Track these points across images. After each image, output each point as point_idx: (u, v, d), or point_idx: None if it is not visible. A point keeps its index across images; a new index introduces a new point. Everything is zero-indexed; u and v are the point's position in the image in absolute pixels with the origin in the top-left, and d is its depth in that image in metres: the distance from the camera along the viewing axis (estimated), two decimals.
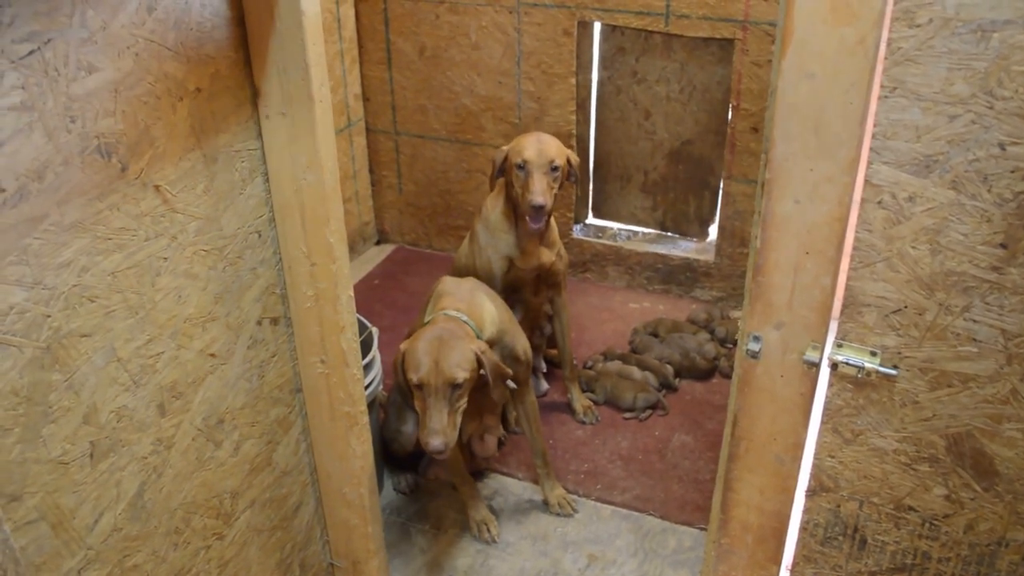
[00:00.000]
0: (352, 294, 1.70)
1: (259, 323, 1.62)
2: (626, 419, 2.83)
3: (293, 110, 1.46)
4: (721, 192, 3.24)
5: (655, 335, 3.15)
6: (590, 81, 3.34)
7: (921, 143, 1.19)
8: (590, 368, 3.02)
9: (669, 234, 3.54)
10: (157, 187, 1.28)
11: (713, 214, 3.41)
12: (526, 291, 2.70)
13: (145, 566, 1.42)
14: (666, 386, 2.94)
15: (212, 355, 1.50)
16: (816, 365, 1.40)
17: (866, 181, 1.24)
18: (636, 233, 3.57)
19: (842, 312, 1.34)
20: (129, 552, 1.37)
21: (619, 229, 3.60)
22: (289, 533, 1.87)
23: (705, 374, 3.00)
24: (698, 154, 3.31)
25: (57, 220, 1.11)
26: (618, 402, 2.86)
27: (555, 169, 2.49)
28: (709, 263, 3.36)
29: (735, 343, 3.15)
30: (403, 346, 2.06)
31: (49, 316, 1.13)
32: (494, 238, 2.63)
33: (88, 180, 1.15)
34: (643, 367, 2.95)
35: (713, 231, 3.42)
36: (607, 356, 3.06)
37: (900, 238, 1.25)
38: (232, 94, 1.42)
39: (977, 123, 1.16)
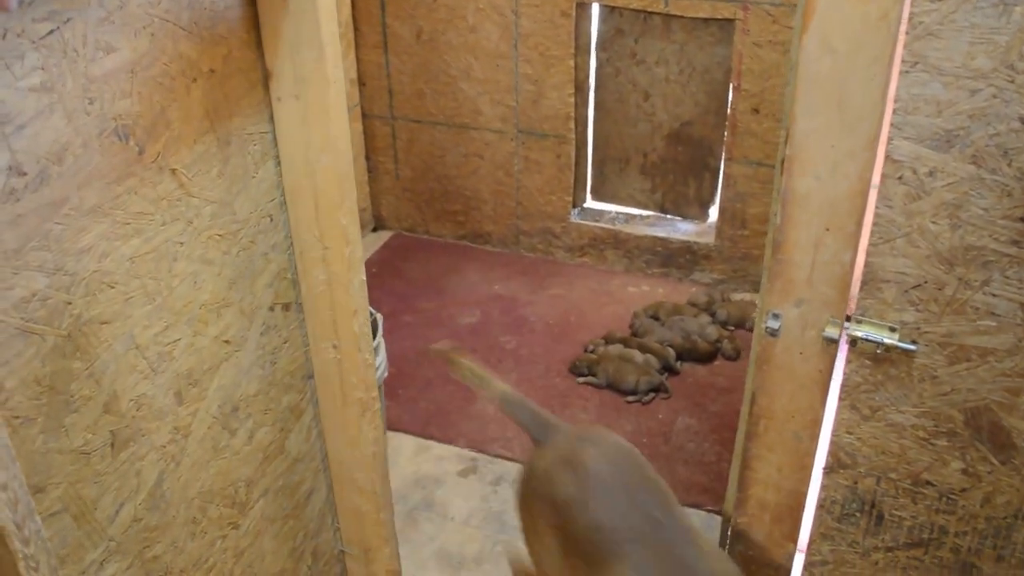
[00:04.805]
0: (364, 278, 1.69)
1: (271, 309, 1.61)
2: (629, 403, 2.83)
3: (306, 91, 1.43)
4: (721, 174, 3.24)
5: (656, 318, 3.16)
6: (588, 63, 3.33)
7: (942, 118, 1.19)
8: (592, 352, 3.02)
9: (669, 216, 3.54)
10: (174, 170, 1.26)
11: (713, 196, 3.41)
12: None
13: (164, 557, 1.41)
14: (668, 369, 2.95)
15: (227, 341, 1.48)
16: (835, 342, 1.40)
17: (887, 156, 1.24)
18: (635, 216, 3.57)
19: (861, 288, 1.34)
20: (149, 543, 1.36)
21: (617, 212, 3.59)
22: (301, 521, 1.86)
23: (707, 356, 3.01)
24: (698, 136, 3.31)
25: (77, 204, 1.09)
26: (620, 385, 2.86)
27: None
28: (709, 245, 3.37)
29: (736, 325, 3.16)
30: None
31: (70, 303, 1.11)
32: None
33: (106, 163, 1.13)
34: (644, 350, 2.96)
35: (713, 213, 3.42)
36: (608, 340, 3.06)
37: (920, 213, 1.26)
38: (244, 76, 1.40)
39: (998, 97, 1.16)
